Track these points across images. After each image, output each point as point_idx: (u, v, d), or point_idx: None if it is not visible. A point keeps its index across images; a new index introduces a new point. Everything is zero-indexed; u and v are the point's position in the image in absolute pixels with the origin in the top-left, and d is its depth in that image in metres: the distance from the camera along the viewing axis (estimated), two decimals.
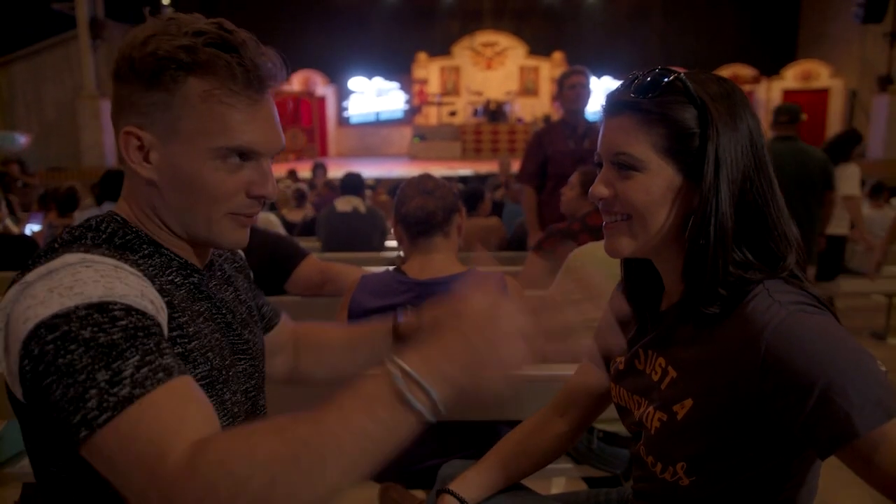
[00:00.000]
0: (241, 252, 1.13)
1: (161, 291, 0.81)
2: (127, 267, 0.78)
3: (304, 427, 0.62)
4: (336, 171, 8.26)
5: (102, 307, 0.70)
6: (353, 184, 4.41)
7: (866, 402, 0.76)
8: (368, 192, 5.49)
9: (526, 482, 1.21)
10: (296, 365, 1.24)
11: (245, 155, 0.86)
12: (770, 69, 15.68)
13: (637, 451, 1.04)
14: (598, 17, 17.20)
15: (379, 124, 17.65)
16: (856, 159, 4.49)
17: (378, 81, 17.39)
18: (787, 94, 15.53)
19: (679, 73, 0.90)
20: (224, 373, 0.90)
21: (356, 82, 17.28)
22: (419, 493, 1.67)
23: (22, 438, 2.03)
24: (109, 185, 3.76)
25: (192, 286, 0.91)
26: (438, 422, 0.61)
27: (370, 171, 10.47)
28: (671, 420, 0.92)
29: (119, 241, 0.86)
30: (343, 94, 17.34)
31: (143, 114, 0.83)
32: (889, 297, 4.58)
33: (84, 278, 0.72)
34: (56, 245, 0.82)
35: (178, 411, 0.67)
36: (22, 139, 11.38)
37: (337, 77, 16.90)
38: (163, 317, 0.79)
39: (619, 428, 1.81)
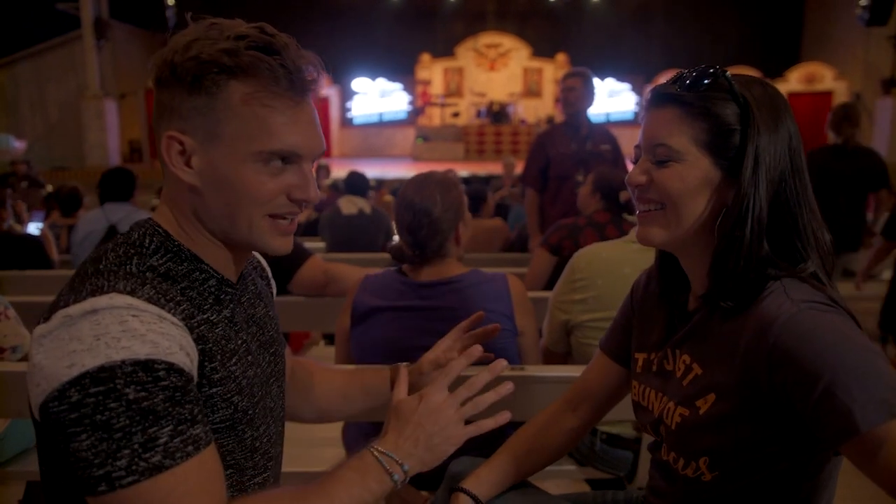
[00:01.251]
0: (268, 269, 1.13)
1: (198, 339, 0.82)
2: (169, 317, 0.77)
3: (316, 500, 0.82)
4: (339, 172, 8.26)
5: (148, 366, 0.72)
6: (357, 184, 4.40)
7: (870, 399, 0.77)
8: (371, 193, 5.48)
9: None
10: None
11: (287, 158, 0.85)
12: (773, 71, 15.63)
13: (657, 453, 1.04)
14: (601, 19, 17.17)
15: (382, 125, 17.66)
16: None
17: (381, 82, 17.42)
18: (791, 96, 15.49)
19: (725, 72, 0.92)
20: (250, 412, 0.90)
21: (359, 83, 17.31)
22: (424, 494, 1.67)
23: (24, 438, 2.02)
24: (110, 184, 3.71)
25: (226, 321, 0.90)
26: None
27: (374, 171, 10.45)
28: (693, 415, 0.93)
29: (163, 264, 0.84)
30: (346, 94, 17.36)
31: (185, 118, 0.83)
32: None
33: (131, 330, 0.73)
34: (101, 267, 0.81)
35: (196, 489, 0.73)
36: (16, 143, 11.21)
37: (340, 78, 16.90)
38: (195, 366, 0.80)
39: (621, 430, 1.81)
